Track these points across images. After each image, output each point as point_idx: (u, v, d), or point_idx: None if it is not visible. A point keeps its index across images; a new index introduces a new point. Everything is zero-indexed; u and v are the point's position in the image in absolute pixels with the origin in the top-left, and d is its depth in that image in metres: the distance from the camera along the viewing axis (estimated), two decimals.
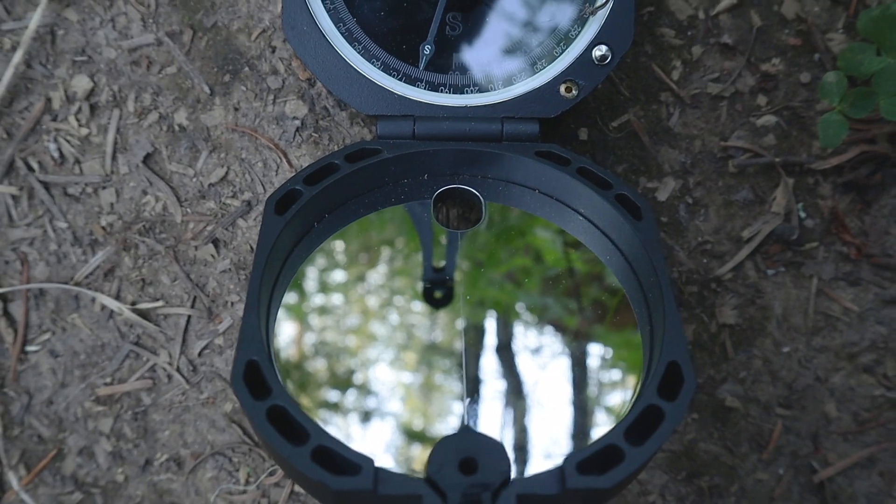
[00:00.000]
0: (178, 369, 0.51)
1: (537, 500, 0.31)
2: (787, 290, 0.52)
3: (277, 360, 0.38)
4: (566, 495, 0.31)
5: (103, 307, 0.50)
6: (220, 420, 0.51)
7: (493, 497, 0.31)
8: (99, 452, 0.51)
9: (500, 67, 0.45)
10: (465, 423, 0.37)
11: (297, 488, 0.51)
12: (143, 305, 0.50)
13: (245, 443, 0.51)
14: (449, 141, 0.43)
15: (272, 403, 0.32)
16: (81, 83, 0.50)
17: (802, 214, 0.51)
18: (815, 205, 0.51)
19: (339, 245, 0.42)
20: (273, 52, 0.50)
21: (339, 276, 0.42)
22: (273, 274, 0.38)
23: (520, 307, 0.42)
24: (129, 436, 0.51)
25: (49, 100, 0.50)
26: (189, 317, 0.51)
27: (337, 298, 0.42)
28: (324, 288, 0.42)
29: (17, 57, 0.49)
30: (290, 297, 0.40)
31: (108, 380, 0.51)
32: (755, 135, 0.51)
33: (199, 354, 0.51)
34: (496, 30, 0.45)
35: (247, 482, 0.51)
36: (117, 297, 0.50)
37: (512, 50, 0.45)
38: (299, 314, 0.41)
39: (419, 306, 0.42)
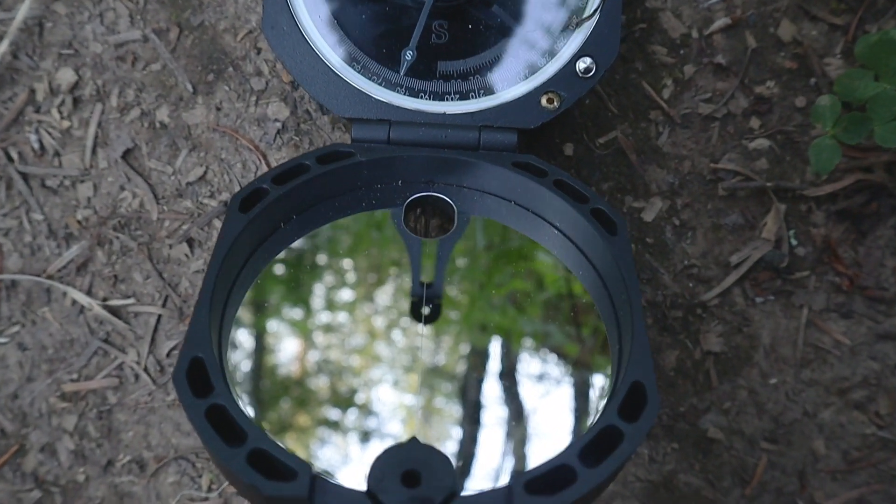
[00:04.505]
0: (145, 369, 0.50)
1: None
2: (776, 320, 0.50)
3: (230, 359, 0.37)
4: None
5: (74, 302, 0.50)
6: (185, 424, 0.50)
7: None
8: (61, 450, 0.50)
9: (482, 76, 0.44)
10: (415, 434, 0.36)
11: None
12: (114, 302, 0.50)
13: None
14: (424, 147, 0.42)
15: (212, 402, 0.31)
16: (66, 76, 0.50)
17: (794, 242, 0.50)
18: (808, 232, 0.50)
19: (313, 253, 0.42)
20: (258, 53, 0.49)
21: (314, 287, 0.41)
22: (232, 272, 0.37)
23: (486, 325, 0.41)
24: (93, 435, 0.50)
25: (33, 91, 0.50)
26: (160, 316, 0.50)
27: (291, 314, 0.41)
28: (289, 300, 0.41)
29: (3, 47, 0.49)
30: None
31: (75, 376, 0.50)
32: (747, 158, 0.50)
33: (168, 355, 0.50)
34: (481, 38, 0.44)
35: (209, 489, 0.50)
36: (89, 293, 0.50)
37: (496, 59, 0.44)
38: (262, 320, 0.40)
39: (381, 321, 0.40)
